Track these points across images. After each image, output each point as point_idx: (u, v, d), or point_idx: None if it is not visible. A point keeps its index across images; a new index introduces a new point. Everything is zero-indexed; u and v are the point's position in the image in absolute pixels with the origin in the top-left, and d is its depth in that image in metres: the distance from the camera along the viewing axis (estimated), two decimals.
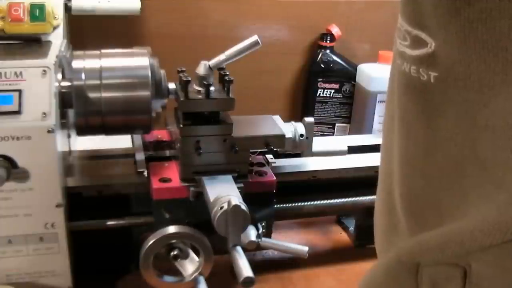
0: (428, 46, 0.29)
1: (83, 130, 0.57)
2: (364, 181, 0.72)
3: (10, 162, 0.52)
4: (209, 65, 0.58)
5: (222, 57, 0.57)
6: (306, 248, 0.60)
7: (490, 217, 0.28)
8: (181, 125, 0.58)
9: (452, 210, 0.31)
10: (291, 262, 0.72)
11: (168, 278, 0.60)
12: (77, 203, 0.59)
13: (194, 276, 0.59)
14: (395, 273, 0.34)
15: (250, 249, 0.60)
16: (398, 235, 0.36)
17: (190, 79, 0.57)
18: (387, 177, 0.37)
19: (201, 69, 0.58)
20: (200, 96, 0.58)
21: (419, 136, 0.32)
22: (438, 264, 0.32)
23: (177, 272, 0.60)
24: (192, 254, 0.60)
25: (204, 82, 0.57)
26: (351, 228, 0.81)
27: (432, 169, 0.31)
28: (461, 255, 0.30)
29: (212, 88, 0.58)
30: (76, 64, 0.56)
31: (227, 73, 0.59)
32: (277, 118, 0.67)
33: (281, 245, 0.61)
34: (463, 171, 0.29)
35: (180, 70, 0.60)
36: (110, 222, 0.62)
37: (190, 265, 0.60)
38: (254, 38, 0.56)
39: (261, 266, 0.71)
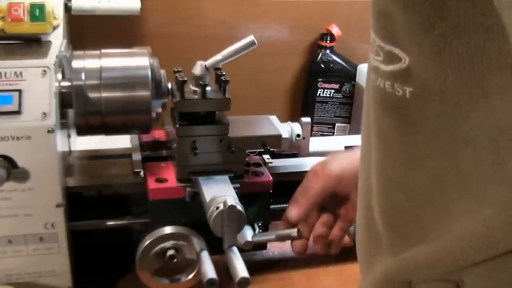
0: (402, 62, 0.29)
1: (83, 130, 0.57)
2: None
3: (10, 162, 0.52)
4: (205, 65, 0.58)
5: (218, 57, 0.57)
6: (295, 230, 0.60)
7: (479, 233, 0.28)
8: (177, 125, 0.58)
9: (433, 224, 0.31)
10: (291, 262, 0.72)
11: (165, 280, 0.60)
12: (77, 203, 0.60)
13: (199, 257, 0.59)
14: None
15: (247, 250, 0.60)
16: (378, 248, 0.36)
17: (186, 79, 0.57)
18: (366, 191, 0.36)
19: (197, 69, 0.58)
20: (196, 96, 0.57)
21: (396, 151, 0.31)
22: (430, 281, 0.31)
23: (174, 272, 0.61)
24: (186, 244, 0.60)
25: (200, 82, 0.57)
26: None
27: (412, 183, 0.31)
28: (453, 271, 0.30)
29: (208, 88, 0.58)
30: (76, 64, 0.56)
31: (224, 73, 0.59)
32: (273, 118, 0.67)
33: (272, 234, 0.61)
34: (443, 185, 0.29)
35: (176, 70, 0.59)
36: (110, 222, 0.62)
37: (190, 253, 0.60)
38: (250, 38, 0.56)
39: (261, 266, 0.71)
